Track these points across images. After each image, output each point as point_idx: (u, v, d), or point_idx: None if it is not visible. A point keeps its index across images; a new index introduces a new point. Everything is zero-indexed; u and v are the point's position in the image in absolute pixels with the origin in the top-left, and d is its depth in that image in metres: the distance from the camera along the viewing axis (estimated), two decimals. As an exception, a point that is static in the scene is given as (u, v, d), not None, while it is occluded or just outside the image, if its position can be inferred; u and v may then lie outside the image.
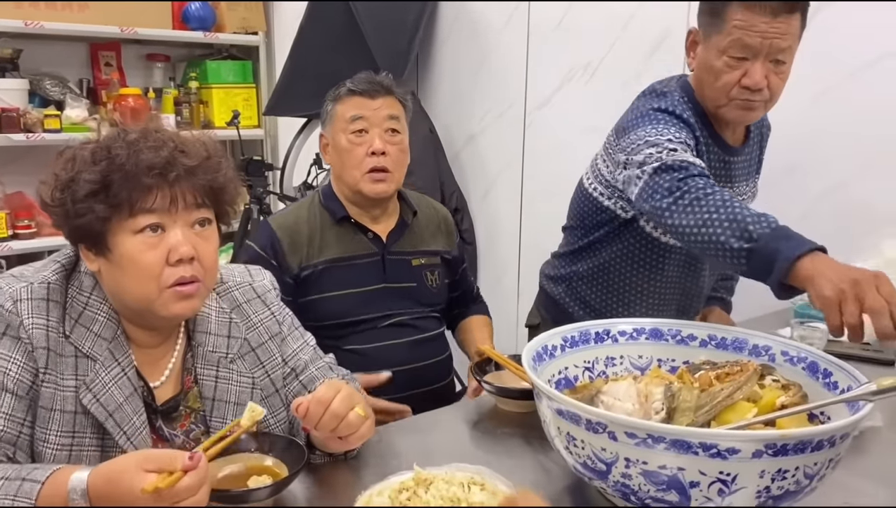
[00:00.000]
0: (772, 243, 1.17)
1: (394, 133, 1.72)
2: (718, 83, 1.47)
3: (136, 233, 1.04)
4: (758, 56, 1.41)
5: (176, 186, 1.05)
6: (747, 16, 1.38)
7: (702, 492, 0.90)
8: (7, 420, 1.01)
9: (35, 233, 3.42)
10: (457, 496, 0.97)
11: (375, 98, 1.72)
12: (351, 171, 1.71)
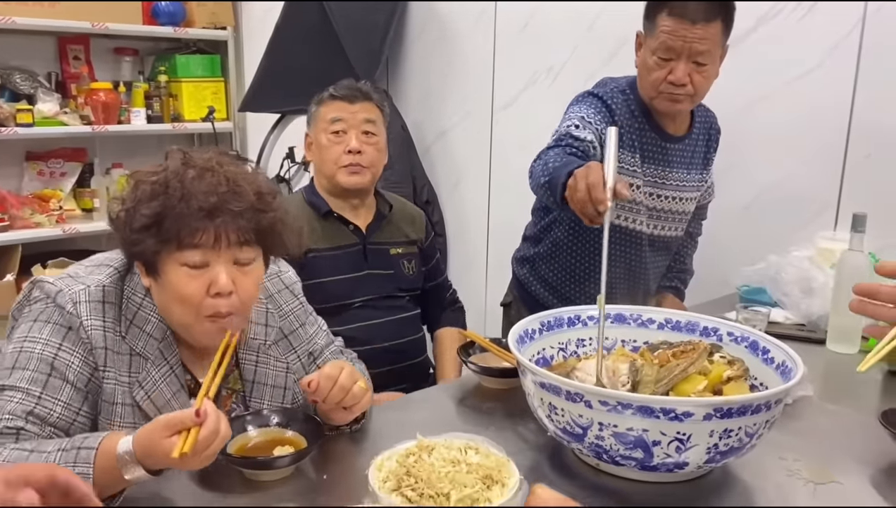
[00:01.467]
0: (556, 172, 1.48)
1: (370, 135, 1.90)
2: (650, 78, 1.71)
3: (182, 265, 1.15)
4: (681, 57, 1.64)
5: (221, 228, 1.14)
6: (672, 23, 1.62)
7: (662, 449, 1.08)
8: (64, 408, 1.14)
9: (8, 226, 3.44)
10: (456, 458, 1.13)
11: (354, 103, 1.90)
12: (329, 165, 1.88)
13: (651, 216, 1.85)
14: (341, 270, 1.90)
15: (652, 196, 1.83)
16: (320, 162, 1.92)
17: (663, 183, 1.83)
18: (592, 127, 1.71)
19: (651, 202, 1.83)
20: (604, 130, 1.71)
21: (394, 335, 1.95)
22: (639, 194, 1.81)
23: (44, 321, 1.17)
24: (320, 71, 3.00)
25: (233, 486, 1.14)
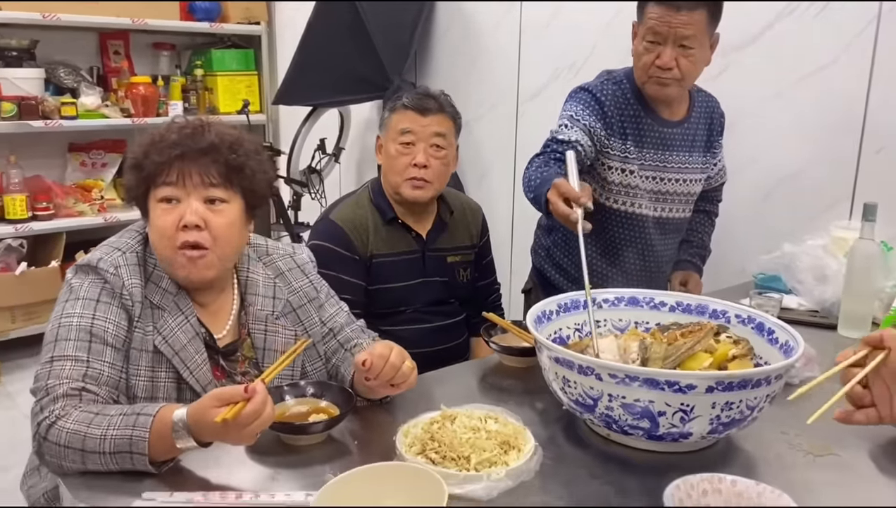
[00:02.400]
0: (538, 190, 1.63)
1: (438, 148, 1.89)
2: (640, 63, 1.82)
3: (159, 201, 1.32)
4: (667, 41, 1.75)
5: (186, 166, 1.31)
6: (658, 10, 1.73)
7: (668, 420, 1.16)
8: (111, 369, 1.26)
9: (53, 214, 3.61)
10: (476, 426, 1.23)
11: (426, 115, 1.88)
12: (395, 176, 1.90)
13: (655, 199, 1.93)
14: (400, 277, 1.93)
15: (654, 179, 1.91)
16: (388, 170, 1.92)
17: (664, 166, 1.91)
18: (580, 123, 1.82)
19: (653, 185, 1.91)
20: (593, 124, 1.83)
21: (440, 340, 1.99)
22: (635, 179, 1.89)
23: (75, 297, 1.30)
24: (351, 65, 3.11)
25: (273, 449, 1.25)
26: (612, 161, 1.87)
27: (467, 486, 1.10)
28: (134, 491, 1.11)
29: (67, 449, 1.13)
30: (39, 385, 1.21)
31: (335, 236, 1.87)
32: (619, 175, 1.88)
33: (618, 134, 1.87)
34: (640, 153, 1.88)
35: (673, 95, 1.85)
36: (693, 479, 1.01)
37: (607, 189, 1.91)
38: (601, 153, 1.87)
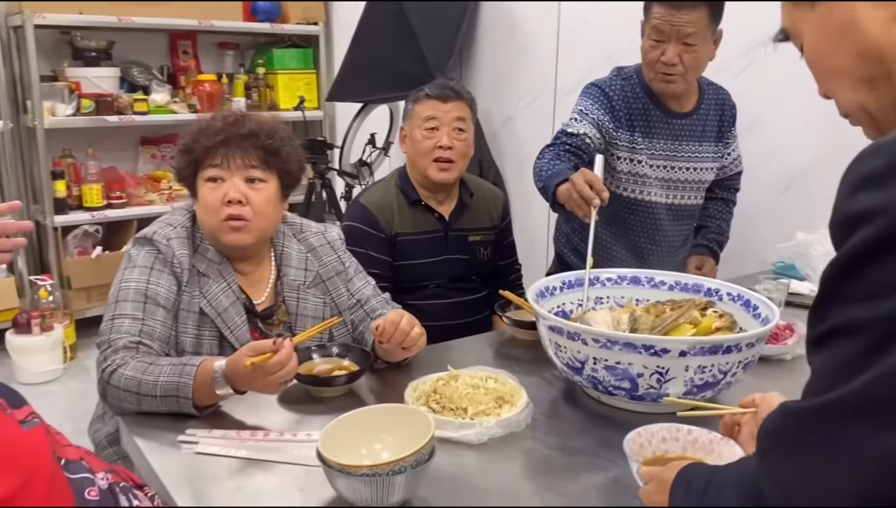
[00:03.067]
0: (547, 181, 1.79)
1: (460, 131, 2.06)
2: (646, 60, 1.94)
3: (206, 181, 1.52)
4: (670, 39, 1.85)
5: (230, 150, 1.51)
6: (661, 10, 1.84)
7: (646, 381, 1.30)
8: (162, 326, 1.46)
9: (126, 203, 3.90)
10: (477, 384, 1.38)
11: (447, 102, 2.05)
12: (422, 159, 2.06)
13: (666, 187, 2.04)
14: (423, 254, 2.10)
15: (665, 168, 2.02)
16: (414, 155, 2.08)
17: (674, 155, 2.02)
18: (589, 117, 1.96)
19: (663, 174, 2.02)
20: (601, 117, 1.96)
21: (462, 314, 2.15)
22: (643, 168, 2.00)
23: (133, 265, 1.50)
24: (398, 63, 3.29)
25: (300, 399, 1.44)
26: (620, 151, 2.00)
27: (461, 431, 1.25)
28: (179, 429, 1.31)
29: (126, 392, 1.34)
30: (103, 339, 1.42)
31: (364, 217, 2.05)
32: (628, 164, 2.00)
33: (625, 126, 1.98)
34: (650, 143, 2.00)
35: (678, 89, 1.96)
36: (653, 428, 1.15)
37: (616, 178, 2.03)
38: (609, 144, 1.99)
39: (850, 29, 0.75)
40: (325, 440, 1.08)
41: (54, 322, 3.41)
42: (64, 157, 3.79)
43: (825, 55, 0.79)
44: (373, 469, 1.01)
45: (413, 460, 1.03)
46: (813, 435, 0.64)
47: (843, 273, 0.64)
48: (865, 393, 0.61)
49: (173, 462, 1.22)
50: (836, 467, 0.62)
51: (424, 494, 1.12)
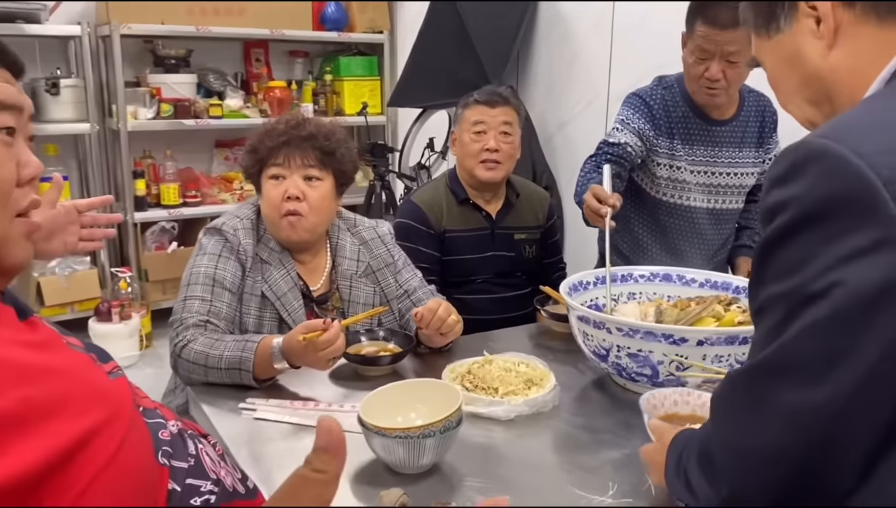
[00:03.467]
0: (579, 196, 1.91)
1: (506, 135, 2.17)
2: (689, 74, 1.99)
3: (269, 178, 1.67)
4: (714, 57, 1.89)
5: (291, 151, 1.66)
6: (705, 29, 1.87)
7: (666, 368, 1.39)
8: (228, 307, 1.62)
9: (200, 201, 4.13)
10: (509, 367, 1.50)
11: (494, 107, 2.16)
12: (470, 160, 2.18)
13: (707, 191, 2.10)
14: (470, 250, 2.21)
15: (705, 174, 2.08)
16: (463, 156, 2.19)
17: (715, 161, 2.08)
18: (630, 126, 2.04)
19: (703, 179, 2.08)
20: (642, 126, 2.03)
21: (507, 309, 2.24)
22: (683, 173, 2.06)
23: (203, 252, 1.67)
24: (455, 70, 3.42)
25: (349, 376, 1.58)
26: (660, 158, 2.07)
27: (491, 408, 1.37)
28: (240, 398, 1.47)
29: (194, 365, 1.50)
30: (176, 317, 1.59)
31: (414, 214, 2.18)
32: (667, 170, 2.08)
33: (665, 134, 2.06)
34: (690, 150, 2.06)
35: (721, 102, 2.02)
36: (665, 391, 1.24)
37: (656, 183, 2.10)
38: (650, 151, 2.06)
39: (795, 57, 0.85)
40: (365, 408, 1.21)
41: (132, 312, 3.66)
42: (144, 157, 4.05)
43: (779, 79, 0.89)
44: (405, 431, 1.14)
45: (442, 426, 1.15)
46: (742, 396, 0.75)
47: (763, 257, 0.74)
48: (776, 357, 0.71)
49: (234, 426, 1.38)
50: (757, 423, 0.72)
51: (454, 460, 1.25)
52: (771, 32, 0.89)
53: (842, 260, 0.66)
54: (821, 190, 0.67)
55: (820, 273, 0.67)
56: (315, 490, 0.46)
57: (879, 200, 0.64)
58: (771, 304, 0.72)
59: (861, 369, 0.66)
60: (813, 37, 0.83)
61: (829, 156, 0.67)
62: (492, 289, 2.23)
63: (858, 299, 0.65)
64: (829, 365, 0.67)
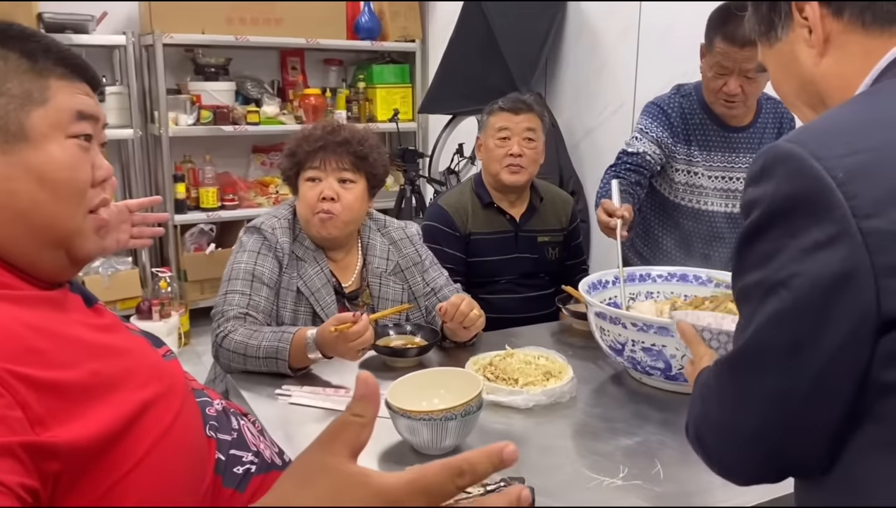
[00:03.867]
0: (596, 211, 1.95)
1: (530, 141, 2.24)
2: (708, 88, 2.05)
3: (306, 180, 1.77)
4: (732, 73, 1.95)
5: (327, 155, 1.77)
6: (724, 46, 1.91)
7: (678, 362, 1.46)
8: (266, 301, 1.72)
9: (237, 205, 4.26)
10: (529, 360, 1.58)
11: (518, 114, 2.22)
12: (494, 165, 2.25)
13: (725, 197, 2.15)
14: (495, 252, 2.29)
15: (723, 179, 2.13)
16: (488, 161, 2.26)
17: (732, 167, 2.13)
18: (649, 135, 2.11)
19: (721, 184, 2.14)
20: (661, 134, 2.10)
21: (531, 309, 2.31)
22: (700, 179, 2.12)
23: (244, 249, 1.77)
24: (485, 78, 3.51)
25: (378, 368, 1.68)
26: (678, 164, 2.13)
27: (510, 397, 1.46)
28: (276, 384, 1.57)
29: (234, 354, 1.61)
30: (217, 310, 1.70)
31: (440, 217, 2.26)
32: (685, 176, 2.14)
33: (682, 140, 2.12)
34: (707, 156, 2.12)
35: (739, 113, 2.08)
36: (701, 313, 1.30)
37: (675, 188, 2.17)
38: (669, 157, 2.13)
39: (792, 64, 0.91)
40: (392, 393, 1.30)
41: (172, 310, 3.80)
42: (184, 162, 4.20)
43: (780, 84, 0.96)
44: (429, 414, 1.23)
45: (463, 409, 1.24)
46: (726, 382, 0.81)
47: (740, 249, 0.80)
48: (751, 344, 0.77)
49: (271, 410, 1.48)
50: (739, 407, 0.79)
51: (474, 443, 1.33)
52: (771, 41, 0.94)
53: (803, 253, 0.72)
54: (785, 190, 0.74)
55: (784, 265, 0.74)
56: (353, 432, 0.54)
57: (833, 200, 0.70)
58: (746, 293, 0.79)
59: (822, 355, 0.72)
60: (806, 45, 0.89)
61: (792, 159, 0.74)
62: (515, 289, 2.30)
63: (816, 289, 0.71)
64: (793, 352, 0.74)
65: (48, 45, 0.87)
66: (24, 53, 0.85)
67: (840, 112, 0.81)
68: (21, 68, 0.84)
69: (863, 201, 0.70)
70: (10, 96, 0.83)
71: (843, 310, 0.71)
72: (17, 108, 0.83)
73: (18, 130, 0.82)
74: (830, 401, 0.74)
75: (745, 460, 0.82)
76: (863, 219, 0.70)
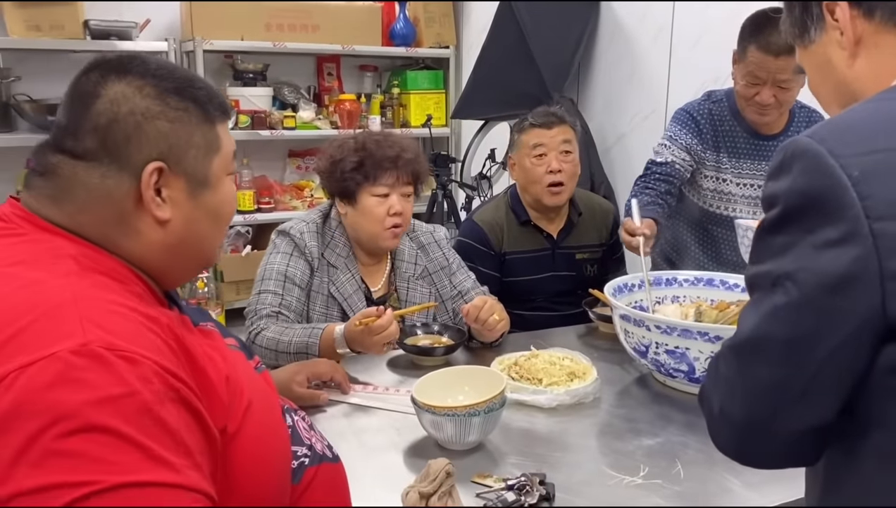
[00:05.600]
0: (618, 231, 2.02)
1: (567, 154, 2.17)
2: (740, 96, 2.03)
3: (373, 195, 1.78)
4: (766, 83, 1.92)
5: (399, 171, 1.79)
6: (758, 56, 1.89)
7: (702, 364, 1.47)
8: (297, 302, 1.78)
9: (273, 208, 4.33)
10: (554, 361, 1.61)
11: (552, 128, 2.17)
12: (534, 186, 2.17)
13: (754, 204, 2.13)
14: (531, 271, 2.25)
15: (752, 186, 2.12)
16: (526, 182, 2.20)
17: (762, 175, 2.11)
18: (678, 142, 2.11)
19: (751, 192, 2.12)
20: (690, 141, 2.10)
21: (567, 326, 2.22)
22: (729, 186, 2.12)
23: (277, 251, 1.82)
24: (517, 83, 3.54)
25: (405, 365, 1.72)
26: (707, 170, 2.13)
27: (534, 396, 1.48)
28: (307, 380, 1.61)
29: (266, 350, 1.66)
30: (251, 309, 1.76)
31: (475, 234, 2.23)
32: (713, 183, 2.14)
33: (711, 147, 2.12)
34: (737, 163, 2.12)
35: (771, 121, 2.07)
36: None
37: (703, 194, 2.17)
38: (698, 164, 2.13)
39: (826, 66, 0.91)
40: (418, 389, 1.34)
41: (208, 310, 3.88)
42: (223, 165, 4.29)
43: (816, 85, 0.96)
44: (453, 409, 1.26)
45: (486, 406, 1.27)
46: (732, 367, 0.82)
47: (758, 241, 0.82)
48: (753, 333, 0.79)
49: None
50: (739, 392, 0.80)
51: (497, 441, 1.36)
52: (806, 43, 0.94)
53: (814, 249, 0.73)
54: (801, 185, 0.75)
55: (794, 259, 0.75)
56: None
57: (846, 199, 0.71)
58: (756, 281, 0.81)
59: (820, 353, 0.73)
60: (839, 47, 0.89)
61: (809, 155, 0.75)
62: (552, 307, 2.26)
63: (821, 286, 0.72)
64: (792, 346, 0.75)
65: (210, 91, 0.93)
66: (197, 103, 0.91)
67: (863, 109, 0.81)
68: (200, 119, 0.91)
69: (876, 202, 0.71)
70: (197, 148, 0.90)
71: (846, 310, 0.71)
72: (203, 158, 0.90)
73: (204, 178, 0.90)
74: (824, 400, 0.76)
75: (745, 447, 0.83)
76: (875, 220, 0.70)
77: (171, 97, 0.88)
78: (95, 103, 0.86)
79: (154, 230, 0.88)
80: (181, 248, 0.91)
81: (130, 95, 0.86)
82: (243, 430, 0.88)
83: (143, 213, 0.87)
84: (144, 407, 0.71)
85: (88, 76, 0.88)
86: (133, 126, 0.85)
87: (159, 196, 0.87)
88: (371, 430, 1.42)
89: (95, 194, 0.86)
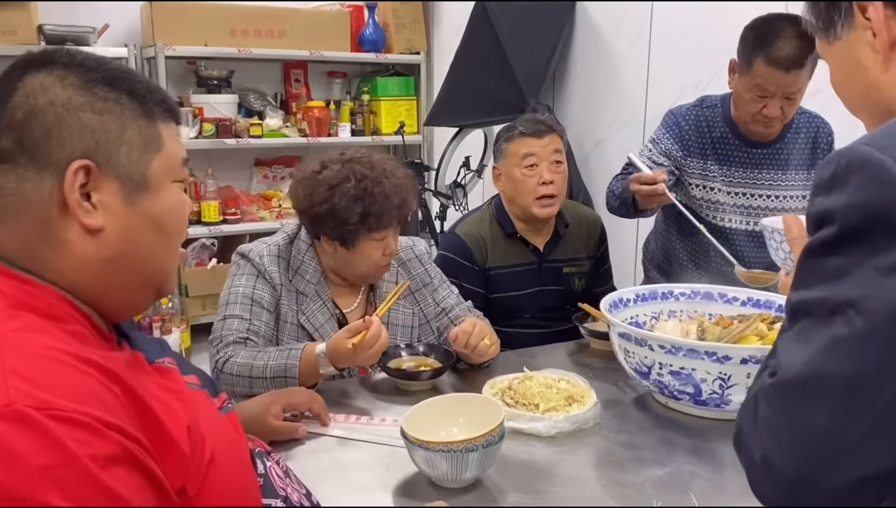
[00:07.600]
0: (623, 194, 2.02)
1: (558, 164, 2.07)
2: (745, 109, 1.93)
3: (372, 240, 1.65)
4: (774, 96, 1.84)
5: (400, 216, 1.68)
6: (767, 70, 1.80)
7: (709, 386, 1.38)
8: (266, 326, 1.65)
9: (240, 219, 4.19)
10: (549, 384, 1.50)
11: (542, 137, 2.06)
12: (524, 197, 2.06)
13: (745, 214, 2.06)
14: (516, 286, 2.14)
15: (744, 196, 2.04)
16: (514, 193, 2.08)
17: (754, 183, 2.04)
18: (659, 146, 2.07)
19: (742, 201, 2.05)
20: (670, 146, 2.05)
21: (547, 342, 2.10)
22: (718, 194, 2.04)
23: (241, 273, 1.70)
24: (492, 90, 3.45)
25: (390, 391, 1.60)
26: (692, 178, 2.06)
27: (532, 424, 1.38)
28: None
29: (238, 377, 1.53)
30: (215, 336, 1.63)
31: (459, 249, 2.11)
32: (701, 191, 2.06)
33: (697, 154, 2.04)
34: (727, 171, 2.04)
35: (776, 133, 2.00)
36: None
37: (693, 203, 2.09)
38: (681, 171, 2.06)
39: (854, 67, 0.82)
40: (408, 421, 1.22)
41: (173, 326, 3.72)
42: (186, 176, 4.13)
43: (840, 85, 0.87)
44: (448, 445, 1.15)
45: (484, 440, 1.16)
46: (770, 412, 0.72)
47: (806, 262, 0.72)
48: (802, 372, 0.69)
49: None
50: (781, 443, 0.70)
51: (495, 475, 1.25)
52: (830, 38, 0.85)
53: (879, 273, 0.64)
54: (860, 200, 0.66)
55: (858, 284, 0.66)
56: None
57: None
58: (805, 308, 0.70)
59: (887, 394, 0.64)
60: (871, 49, 0.81)
61: (869, 165, 0.66)
62: (539, 324, 2.16)
63: (891, 314, 0.63)
64: (853, 386, 0.66)
65: (149, 85, 0.83)
66: (133, 95, 0.80)
67: None
68: (135, 113, 0.80)
69: None
70: (131, 145, 0.79)
71: None
72: (138, 157, 0.79)
73: (141, 180, 0.80)
74: (887, 449, 0.66)
75: (781, 499, 0.72)
76: None
77: (98, 87, 0.77)
78: (11, 98, 0.74)
79: (85, 242, 0.77)
80: (120, 264, 0.79)
81: (50, 85, 0.75)
82: (205, 489, 0.76)
83: (70, 221, 0.75)
84: (85, 474, 0.61)
85: (8, 73, 0.77)
86: (53, 119, 0.74)
87: (88, 201, 0.76)
88: (357, 466, 1.30)
89: (12, 200, 0.74)
